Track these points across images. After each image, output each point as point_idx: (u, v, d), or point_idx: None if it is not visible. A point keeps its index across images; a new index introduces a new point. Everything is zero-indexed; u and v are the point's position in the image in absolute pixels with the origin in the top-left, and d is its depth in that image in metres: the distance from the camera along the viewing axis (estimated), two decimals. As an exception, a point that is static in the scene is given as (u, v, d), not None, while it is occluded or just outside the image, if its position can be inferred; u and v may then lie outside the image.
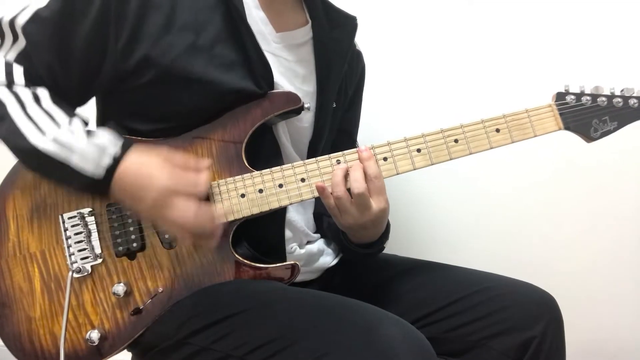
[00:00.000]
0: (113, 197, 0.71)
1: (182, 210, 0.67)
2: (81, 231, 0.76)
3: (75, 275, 0.75)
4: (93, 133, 0.71)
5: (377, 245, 0.84)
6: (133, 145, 0.72)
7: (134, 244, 0.76)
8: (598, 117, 0.79)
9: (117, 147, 0.70)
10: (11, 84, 0.72)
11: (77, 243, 0.76)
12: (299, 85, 0.86)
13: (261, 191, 0.76)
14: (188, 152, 0.78)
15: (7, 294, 0.76)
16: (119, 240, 0.76)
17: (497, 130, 0.78)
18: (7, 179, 0.80)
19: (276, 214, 0.80)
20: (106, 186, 0.69)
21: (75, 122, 0.71)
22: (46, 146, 0.68)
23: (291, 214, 0.86)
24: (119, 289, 0.74)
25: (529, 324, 0.77)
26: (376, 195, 0.75)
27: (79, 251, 0.76)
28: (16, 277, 0.76)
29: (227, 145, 0.78)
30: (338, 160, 0.77)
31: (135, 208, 0.71)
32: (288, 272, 0.77)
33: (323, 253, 0.93)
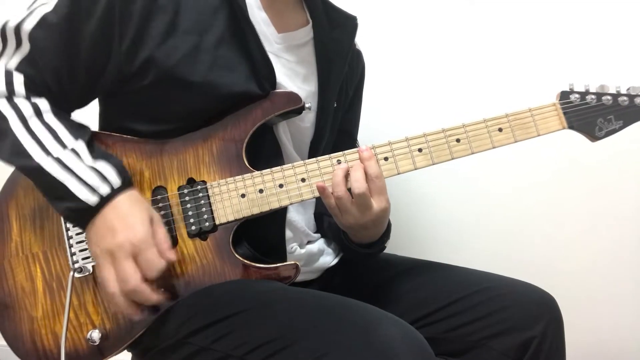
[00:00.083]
0: (88, 225, 0.69)
1: (123, 275, 0.65)
2: (82, 231, 0.77)
3: (76, 275, 0.75)
4: (98, 159, 0.70)
5: (378, 245, 0.85)
6: (132, 186, 0.71)
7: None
8: (603, 116, 0.78)
9: (118, 181, 0.69)
10: (11, 95, 0.71)
11: (79, 243, 0.76)
12: (300, 85, 0.86)
13: (261, 191, 0.76)
14: (189, 153, 0.78)
15: (10, 294, 0.76)
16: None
17: (500, 129, 0.77)
18: (10, 180, 0.80)
19: (276, 214, 0.80)
20: (92, 215, 0.68)
21: (79, 144, 0.70)
22: (49, 167, 0.68)
23: (291, 214, 0.86)
24: (120, 289, 0.74)
25: (529, 324, 0.77)
26: (377, 195, 0.75)
27: (81, 251, 0.76)
28: (18, 277, 0.76)
29: (228, 145, 0.78)
30: (339, 160, 0.77)
31: (93, 242, 0.69)
32: (288, 272, 0.77)
33: (323, 253, 0.93)
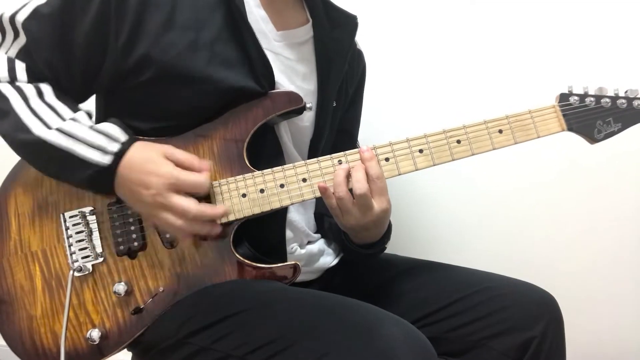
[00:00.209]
0: (115, 188, 0.71)
1: (180, 209, 0.68)
2: (82, 230, 0.76)
3: (76, 274, 0.75)
4: (99, 124, 0.71)
5: (379, 245, 0.84)
6: (137, 139, 0.72)
7: (135, 243, 0.76)
8: (602, 119, 0.79)
9: (125, 137, 0.71)
10: (14, 80, 0.73)
11: (78, 242, 0.76)
12: (300, 83, 0.86)
13: (262, 191, 0.76)
14: (189, 151, 0.78)
15: (9, 292, 0.76)
16: (120, 239, 0.76)
17: (500, 131, 0.78)
18: (9, 177, 0.80)
19: (277, 214, 0.80)
20: (111, 175, 0.69)
21: (79, 114, 0.72)
22: (51, 137, 0.69)
23: (292, 214, 0.86)
24: (120, 288, 0.74)
25: (529, 324, 0.77)
26: (378, 195, 0.75)
27: (80, 250, 0.76)
28: (17, 276, 0.76)
29: (229, 144, 0.78)
30: (340, 160, 0.77)
31: (134, 203, 0.72)
32: (289, 272, 0.77)
33: (323, 253, 0.93)
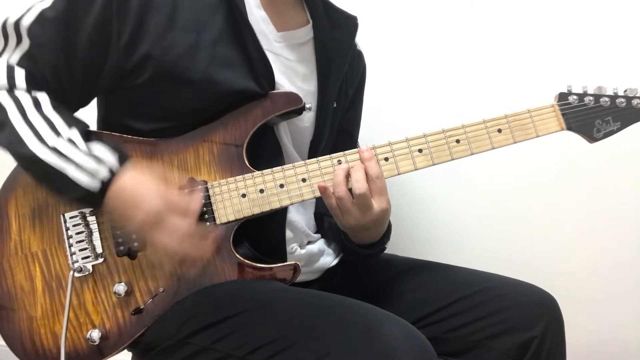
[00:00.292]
0: (105, 210, 0.71)
1: (170, 233, 0.67)
2: (82, 230, 0.76)
3: (76, 274, 0.75)
4: (92, 144, 0.70)
5: (379, 245, 0.84)
6: (129, 159, 0.71)
7: (135, 244, 0.76)
8: (601, 118, 0.79)
9: (115, 161, 0.70)
10: (12, 88, 0.72)
11: (79, 242, 0.76)
12: (300, 84, 0.86)
13: (262, 191, 0.76)
14: (189, 152, 0.78)
15: (9, 293, 0.76)
16: (120, 239, 0.76)
17: (499, 130, 0.78)
18: (10, 178, 0.80)
19: (277, 214, 0.80)
20: (100, 199, 0.69)
21: (74, 132, 0.71)
22: (44, 155, 0.68)
23: (292, 214, 0.86)
24: (120, 289, 0.74)
25: (529, 324, 0.77)
26: (378, 195, 0.75)
27: (80, 250, 0.76)
28: (18, 276, 0.76)
29: (229, 145, 0.78)
30: (339, 160, 0.77)
31: (124, 224, 0.71)
32: (289, 273, 0.77)
33: (323, 253, 0.93)
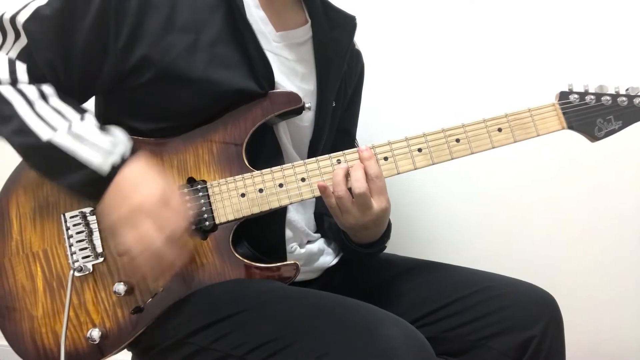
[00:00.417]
0: (103, 198, 0.69)
1: (145, 237, 0.65)
2: (82, 230, 0.77)
3: (76, 274, 0.75)
4: (105, 127, 0.71)
5: (378, 245, 0.84)
6: (141, 150, 0.72)
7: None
8: (602, 116, 0.78)
9: (127, 148, 0.70)
10: (15, 82, 0.72)
11: (79, 242, 0.76)
12: (299, 84, 0.86)
13: (261, 191, 0.76)
14: (189, 152, 0.78)
15: (10, 293, 0.76)
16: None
17: (500, 129, 0.77)
18: (11, 178, 0.80)
19: (276, 214, 0.80)
20: (105, 184, 0.68)
21: (87, 116, 0.72)
22: (58, 139, 0.68)
23: (291, 214, 0.86)
24: (120, 288, 0.74)
25: (529, 324, 0.76)
26: (377, 195, 0.75)
27: (81, 250, 0.76)
28: (19, 276, 0.77)
29: (228, 144, 0.78)
30: (338, 159, 0.77)
31: (107, 211, 0.69)
32: (288, 272, 0.77)
33: (323, 253, 0.93)
